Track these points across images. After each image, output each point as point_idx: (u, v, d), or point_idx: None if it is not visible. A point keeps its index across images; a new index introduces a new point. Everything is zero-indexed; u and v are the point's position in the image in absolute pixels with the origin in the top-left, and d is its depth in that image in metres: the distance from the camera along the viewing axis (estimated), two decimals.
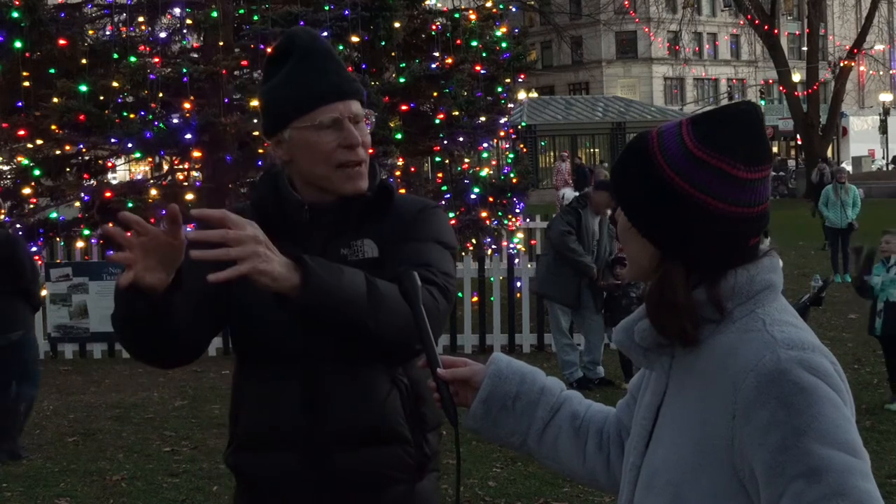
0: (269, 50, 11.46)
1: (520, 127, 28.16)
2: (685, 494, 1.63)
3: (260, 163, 11.48)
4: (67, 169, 11.52)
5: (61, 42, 10.50)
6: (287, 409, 2.18)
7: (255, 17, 10.92)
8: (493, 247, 13.23)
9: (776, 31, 37.42)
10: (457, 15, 12.73)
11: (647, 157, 1.67)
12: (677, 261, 1.66)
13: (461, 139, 12.02)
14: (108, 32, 11.75)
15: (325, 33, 10.84)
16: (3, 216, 11.05)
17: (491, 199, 12.32)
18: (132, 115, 10.18)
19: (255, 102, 10.55)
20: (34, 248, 11.17)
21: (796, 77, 40.99)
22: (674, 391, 1.71)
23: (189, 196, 10.54)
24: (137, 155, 11.16)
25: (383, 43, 11.58)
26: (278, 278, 1.93)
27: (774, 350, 1.58)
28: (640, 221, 1.68)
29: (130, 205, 10.08)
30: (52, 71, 10.66)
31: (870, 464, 1.55)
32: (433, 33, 12.16)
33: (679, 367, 1.71)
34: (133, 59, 10.33)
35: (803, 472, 1.51)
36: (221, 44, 10.75)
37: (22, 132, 10.54)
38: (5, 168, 12.15)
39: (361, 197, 2.26)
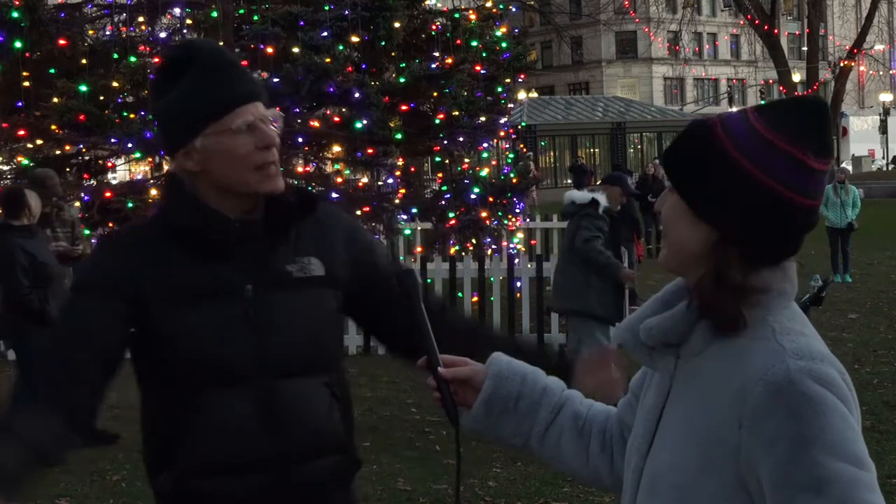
0: (269, 50, 11.44)
1: (520, 127, 28.18)
2: (688, 498, 1.63)
3: None
4: (67, 169, 11.51)
5: (61, 42, 10.49)
6: (245, 430, 2.15)
7: (255, 17, 10.91)
8: (493, 247, 13.23)
9: (776, 31, 37.42)
10: (457, 15, 12.74)
11: (710, 140, 1.66)
12: (732, 245, 1.64)
13: (461, 139, 12.01)
14: (108, 32, 11.74)
15: (325, 33, 10.85)
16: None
17: (491, 199, 12.31)
18: (132, 115, 10.17)
19: None
20: None
21: (796, 77, 41.00)
22: (678, 393, 1.70)
23: None
24: (137, 155, 11.15)
25: (383, 43, 11.58)
26: None
27: (784, 360, 1.57)
28: (702, 203, 1.66)
29: (130, 205, 10.08)
30: (52, 71, 10.65)
31: (876, 474, 1.55)
32: (433, 33, 12.16)
33: (684, 368, 1.70)
34: (133, 59, 10.32)
35: (810, 484, 1.50)
36: (221, 44, 10.73)
37: (22, 132, 10.53)
38: (5, 168, 12.14)
39: (285, 205, 2.23)
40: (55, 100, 10.07)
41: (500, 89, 12.91)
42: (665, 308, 1.75)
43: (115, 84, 10.24)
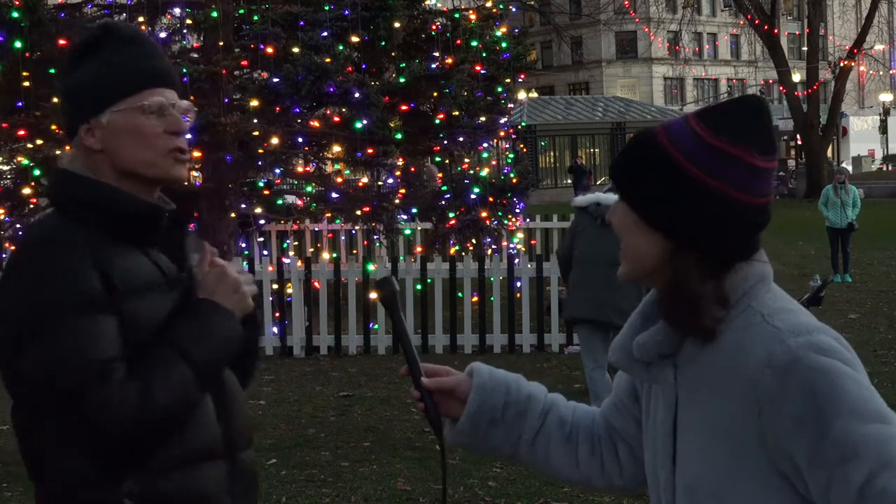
0: (269, 50, 11.39)
1: (520, 127, 28.19)
2: (729, 501, 1.63)
3: (259, 163, 11.48)
4: None
5: (61, 42, 10.50)
6: (209, 420, 2.13)
7: (255, 17, 10.92)
8: (493, 247, 13.23)
9: (776, 31, 37.42)
10: (457, 15, 12.76)
11: (655, 150, 1.66)
12: (691, 252, 1.64)
13: (461, 139, 12.02)
14: None
15: (325, 33, 10.85)
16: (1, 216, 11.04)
17: (491, 199, 12.31)
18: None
19: (254, 102, 10.57)
20: None
21: (796, 77, 40.99)
22: (686, 402, 1.69)
23: None
24: None
25: (383, 43, 11.59)
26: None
27: (783, 341, 1.58)
28: (652, 214, 1.66)
29: None
30: (52, 71, 10.65)
31: None
32: (433, 33, 12.18)
33: (685, 376, 1.69)
34: None
35: (846, 454, 1.52)
36: (221, 44, 10.75)
37: (22, 132, 10.53)
38: (5, 168, 12.14)
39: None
40: (55, 100, 10.06)
41: (500, 89, 12.92)
42: (647, 321, 1.75)
43: None
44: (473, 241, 12.70)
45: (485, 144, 12.94)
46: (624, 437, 1.93)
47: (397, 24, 11.39)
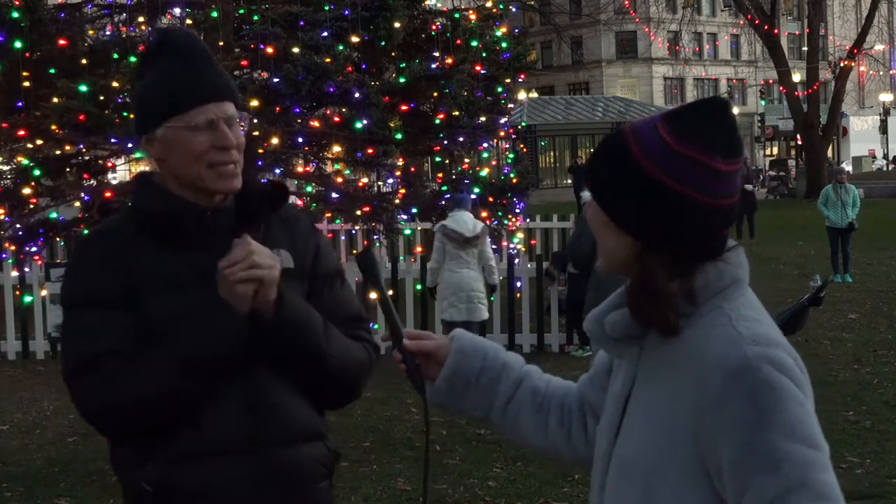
0: (269, 50, 11.40)
1: (520, 127, 28.18)
2: (655, 484, 1.68)
3: (260, 163, 11.49)
4: (67, 169, 11.50)
5: (61, 42, 10.49)
6: (231, 416, 2.17)
7: (255, 17, 10.92)
8: (494, 247, 13.22)
9: (776, 31, 37.43)
10: (457, 15, 12.75)
11: (624, 153, 1.71)
12: (658, 251, 1.69)
13: (461, 139, 12.01)
14: (108, 32, 11.74)
15: (325, 33, 10.85)
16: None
17: (491, 199, 12.31)
18: (132, 115, 10.16)
19: (254, 102, 10.58)
20: (34, 248, 11.18)
21: (796, 77, 40.98)
22: (642, 382, 1.76)
23: None
24: (137, 155, 11.16)
25: (383, 43, 11.58)
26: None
27: (741, 346, 1.63)
28: (621, 216, 1.72)
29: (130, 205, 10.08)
30: (52, 71, 10.65)
31: (829, 454, 1.62)
32: (433, 33, 12.17)
33: (648, 358, 1.75)
34: (133, 59, 10.30)
35: (767, 465, 1.57)
36: (221, 44, 10.74)
37: (22, 132, 10.52)
38: (5, 168, 12.14)
39: (256, 196, 2.29)
40: (55, 100, 10.06)
41: (500, 89, 12.91)
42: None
43: (115, 84, 10.23)
44: None
45: (485, 144, 12.93)
46: (594, 410, 2.00)
47: (397, 24, 11.38)
